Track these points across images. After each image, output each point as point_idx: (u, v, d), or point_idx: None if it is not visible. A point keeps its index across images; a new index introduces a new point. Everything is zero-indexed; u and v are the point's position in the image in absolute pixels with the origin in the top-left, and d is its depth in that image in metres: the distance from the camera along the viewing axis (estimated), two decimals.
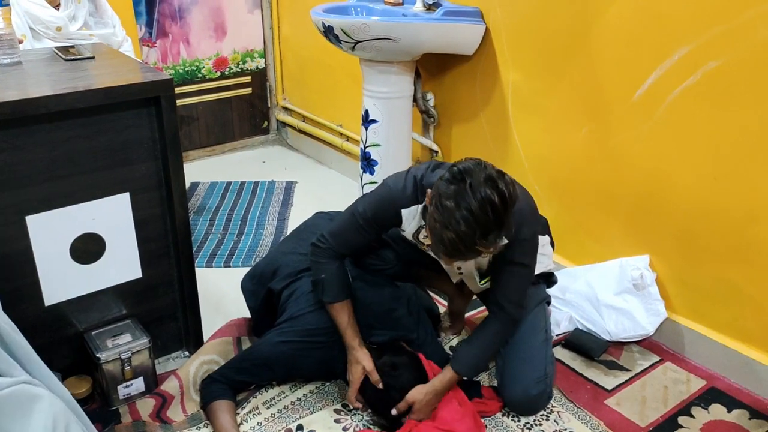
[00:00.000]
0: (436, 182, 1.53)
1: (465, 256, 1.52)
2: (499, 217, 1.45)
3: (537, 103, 2.34)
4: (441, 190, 1.49)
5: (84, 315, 1.85)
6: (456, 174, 1.48)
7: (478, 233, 1.44)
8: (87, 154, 1.71)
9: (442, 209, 1.46)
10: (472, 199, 1.43)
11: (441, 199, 1.48)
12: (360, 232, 1.76)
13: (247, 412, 1.82)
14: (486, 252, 1.50)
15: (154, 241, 1.90)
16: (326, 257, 1.78)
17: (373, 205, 1.74)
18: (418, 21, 2.33)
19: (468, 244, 1.46)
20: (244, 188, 3.28)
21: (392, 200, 1.72)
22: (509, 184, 1.48)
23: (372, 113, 2.55)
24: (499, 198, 1.44)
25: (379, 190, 1.76)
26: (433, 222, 1.50)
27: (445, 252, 1.51)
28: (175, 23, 3.35)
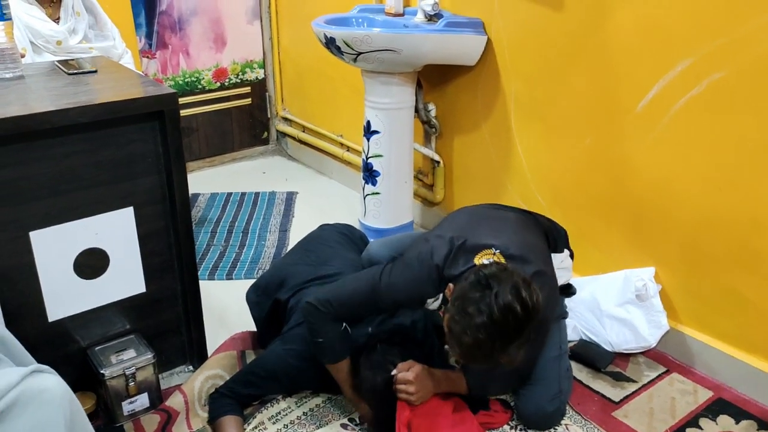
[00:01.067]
0: (461, 283, 1.51)
1: (479, 363, 1.52)
2: (520, 328, 1.44)
3: (539, 114, 2.34)
4: (465, 293, 1.48)
5: (87, 330, 1.84)
6: (482, 279, 1.47)
7: (498, 344, 1.43)
8: (90, 169, 1.70)
9: (464, 314, 1.45)
10: (495, 308, 1.42)
11: (464, 303, 1.46)
12: (374, 307, 1.72)
13: (253, 427, 1.81)
14: (501, 363, 1.49)
15: (158, 255, 1.89)
16: (325, 320, 1.70)
17: (400, 293, 1.68)
18: (420, 32, 2.33)
19: (486, 353, 1.45)
20: (244, 199, 3.27)
21: (419, 291, 1.68)
22: (534, 293, 1.46)
23: (374, 124, 2.55)
24: (522, 309, 1.43)
25: (405, 276, 1.67)
26: (453, 323, 1.48)
27: (460, 355, 1.50)
28: (174, 34, 3.35)
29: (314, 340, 1.73)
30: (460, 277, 1.57)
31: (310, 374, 1.84)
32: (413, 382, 1.67)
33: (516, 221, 1.82)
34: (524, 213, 1.93)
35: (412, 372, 1.68)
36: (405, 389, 1.67)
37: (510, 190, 2.52)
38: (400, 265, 1.69)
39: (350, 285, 1.74)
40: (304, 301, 1.73)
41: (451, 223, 1.83)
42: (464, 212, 1.91)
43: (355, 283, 1.74)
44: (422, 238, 1.76)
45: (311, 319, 1.72)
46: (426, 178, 2.90)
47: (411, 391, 1.67)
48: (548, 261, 1.75)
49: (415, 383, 1.67)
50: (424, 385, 1.69)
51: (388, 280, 1.67)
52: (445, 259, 1.63)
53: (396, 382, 1.68)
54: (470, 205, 2.02)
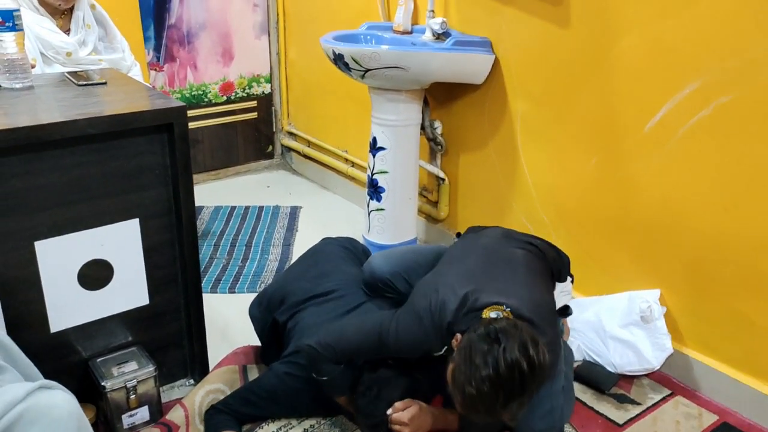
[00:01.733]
0: (470, 334, 1.51)
1: (480, 416, 1.51)
2: (524, 385, 1.44)
3: (546, 133, 2.34)
4: (473, 344, 1.47)
5: (89, 342, 1.83)
6: (491, 332, 1.47)
7: (501, 398, 1.43)
8: (98, 180, 1.70)
9: (470, 364, 1.45)
10: (502, 363, 1.42)
11: (471, 354, 1.46)
12: (376, 354, 1.72)
13: None
14: (503, 418, 1.49)
15: (162, 267, 1.88)
16: (326, 362, 1.71)
17: (406, 346, 1.66)
18: (429, 50, 2.34)
19: (487, 406, 1.45)
20: (248, 213, 3.27)
21: (426, 346, 1.67)
22: (541, 353, 1.46)
23: (380, 140, 2.55)
24: (528, 366, 1.43)
25: (413, 330, 1.65)
26: (458, 373, 1.48)
27: (462, 405, 1.49)
28: (183, 48, 3.37)
29: (318, 379, 1.74)
30: (468, 328, 1.56)
31: (311, 396, 1.83)
32: (408, 424, 1.67)
33: (526, 269, 1.78)
34: (532, 248, 1.89)
35: (407, 413, 1.68)
36: (400, 430, 1.68)
37: (515, 209, 2.52)
38: (408, 317, 1.68)
39: (354, 332, 1.73)
40: (305, 344, 1.73)
41: (462, 264, 1.79)
42: (476, 251, 1.86)
43: (360, 330, 1.73)
44: (432, 287, 1.71)
45: (314, 361, 1.73)
46: (431, 195, 2.90)
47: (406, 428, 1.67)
48: (554, 322, 1.74)
49: (410, 425, 1.68)
50: (419, 425, 1.69)
51: (396, 333, 1.66)
52: (455, 315, 1.61)
53: (391, 422, 1.68)
54: (479, 233, 1.98)
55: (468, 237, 2.03)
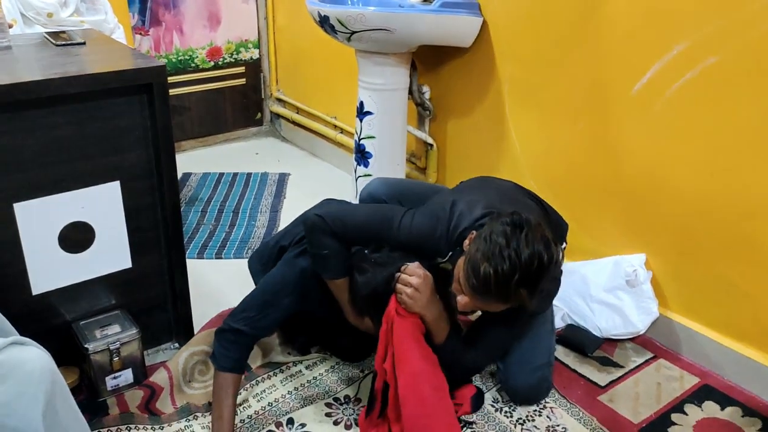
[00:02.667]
0: (491, 223, 1.49)
1: (489, 299, 1.48)
2: (539, 276, 1.43)
3: (534, 97, 2.32)
4: (495, 227, 1.46)
5: (72, 305, 1.83)
6: (517, 221, 1.46)
7: (517, 279, 1.41)
8: (77, 141, 1.68)
9: (490, 242, 1.43)
10: (524, 245, 1.41)
11: (492, 234, 1.44)
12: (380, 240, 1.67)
13: (238, 404, 1.80)
14: (509, 304, 1.48)
15: (144, 230, 1.87)
16: (330, 235, 1.64)
17: (416, 238, 1.63)
18: (415, 12, 2.30)
19: (502, 285, 1.43)
20: (236, 180, 3.25)
21: (434, 245, 1.63)
22: (558, 252, 1.46)
23: (367, 105, 2.53)
24: (548, 258, 1.42)
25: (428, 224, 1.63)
26: (474, 252, 1.45)
27: (473, 287, 1.46)
28: (168, 12, 3.31)
29: (317, 253, 1.67)
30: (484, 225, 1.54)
31: (318, 286, 1.74)
32: (420, 278, 1.57)
33: (538, 211, 1.79)
34: (540, 204, 1.90)
35: (416, 277, 1.57)
36: (408, 281, 1.57)
37: (503, 175, 2.50)
38: (425, 215, 1.65)
39: (366, 212, 1.71)
40: (313, 213, 1.67)
41: (481, 193, 1.76)
42: (492, 187, 1.85)
43: (373, 214, 1.69)
44: (452, 198, 1.69)
45: (317, 232, 1.65)
46: (419, 161, 2.88)
47: (414, 284, 1.57)
48: None
49: (419, 286, 1.57)
50: (424, 292, 1.58)
51: (409, 225, 1.63)
52: (471, 225, 1.59)
53: (398, 279, 1.59)
54: (492, 179, 1.99)
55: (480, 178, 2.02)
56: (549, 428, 1.76)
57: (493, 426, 1.76)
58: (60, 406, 1.13)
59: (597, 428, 1.75)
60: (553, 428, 1.76)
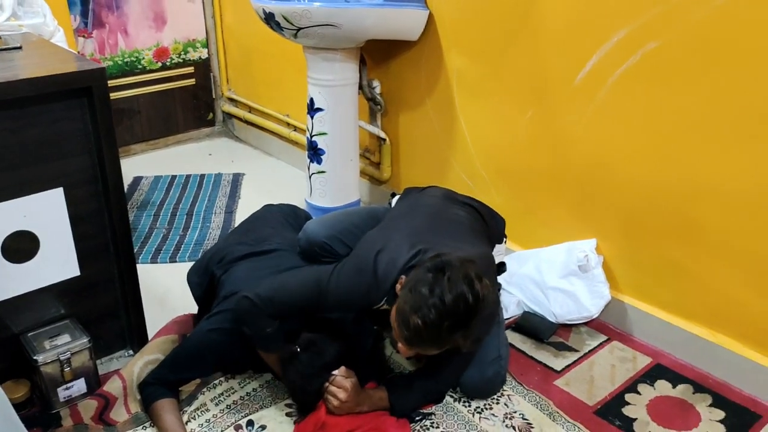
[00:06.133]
0: (416, 270, 1.51)
1: (424, 347, 1.51)
2: (468, 317, 1.45)
3: (482, 89, 2.34)
4: (419, 276, 1.48)
5: (19, 316, 1.78)
6: (438, 264, 1.48)
7: (446, 325, 1.44)
8: (16, 148, 1.64)
9: (415, 293, 1.46)
10: (447, 291, 1.43)
11: (417, 285, 1.46)
12: (314, 309, 1.68)
13: (194, 409, 1.78)
14: (445, 347, 1.50)
15: (91, 237, 1.83)
16: (261, 316, 1.66)
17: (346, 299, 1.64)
18: (361, 6, 2.29)
19: (432, 335, 1.45)
20: (189, 181, 3.21)
21: (368, 298, 1.65)
22: (486, 288, 1.47)
23: (317, 101, 2.52)
24: (473, 298, 1.44)
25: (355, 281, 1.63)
26: (402, 304, 1.48)
27: (406, 338, 1.49)
28: (111, 13, 3.24)
29: (249, 332, 1.69)
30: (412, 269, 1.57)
31: (236, 349, 1.79)
32: (347, 391, 1.65)
33: (470, 228, 1.82)
34: (472, 210, 1.92)
35: (350, 381, 1.66)
36: (336, 393, 1.65)
37: (455, 167, 2.52)
38: (350, 268, 1.65)
39: (294, 285, 1.69)
40: (242, 295, 1.68)
41: (409, 223, 1.78)
42: (419, 210, 1.86)
43: (300, 282, 1.69)
44: (380, 241, 1.69)
45: (246, 315, 1.67)
46: (373, 156, 2.88)
47: (341, 398, 1.65)
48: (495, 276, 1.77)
49: (349, 393, 1.65)
50: (352, 398, 1.66)
51: (336, 282, 1.63)
52: (403, 270, 1.61)
53: (331, 382, 1.66)
54: (420, 193, 2.00)
55: (410, 197, 2.03)
56: (507, 415, 1.78)
57: (451, 416, 1.78)
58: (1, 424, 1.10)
59: (554, 413, 1.78)
60: (510, 415, 1.78)
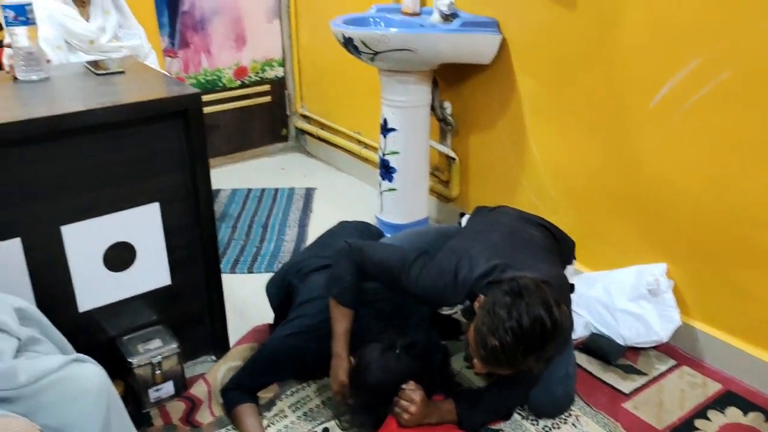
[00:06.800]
0: (493, 292, 1.57)
1: (499, 367, 1.57)
2: (544, 341, 1.50)
3: (553, 111, 2.38)
4: (496, 298, 1.53)
5: (116, 321, 1.92)
6: (515, 288, 1.53)
7: (522, 348, 1.49)
8: (118, 166, 1.78)
9: (493, 316, 1.51)
10: (525, 315, 1.48)
11: (494, 307, 1.52)
12: (390, 282, 1.77)
13: (273, 414, 1.88)
14: (519, 369, 1.55)
15: (182, 248, 1.96)
16: (352, 264, 1.78)
17: (423, 289, 1.72)
18: (436, 32, 2.37)
19: (508, 357, 1.51)
20: (264, 195, 3.35)
21: (441, 298, 1.73)
22: (564, 313, 1.52)
23: (390, 122, 2.61)
24: (551, 323, 1.49)
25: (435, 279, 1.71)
26: (480, 325, 1.54)
27: (482, 358, 1.55)
28: (196, 34, 3.42)
29: (337, 276, 1.79)
30: (489, 288, 1.62)
31: (311, 356, 1.87)
32: (417, 404, 1.70)
33: (544, 248, 1.86)
34: (545, 231, 1.97)
35: (418, 394, 1.72)
36: (406, 407, 1.71)
37: (524, 187, 2.57)
38: (433, 268, 1.73)
39: (385, 251, 1.81)
40: (343, 241, 1.82)
41: (485, 236, 1.84)
42: (496, 227, 1.91)
43: (390, 253, 1.79)
44: (461, 250, 1.76)
45: (341, 258, 1.80)
46: (442, 175, 2.95)
47: (411, 411, 1.70)
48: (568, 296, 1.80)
49: (418, 406, 1.70)
50: (421, 411, 1.72)
51: (418, 272, 1.72)
52: (480, 279, 1.67)
53: (400, 395, 1.72)
54: (493, 212, 2.05)
55: (481, 215, 2.09)
56: None
57: None
58: (114, 421, 1.21)
59: None
60: None
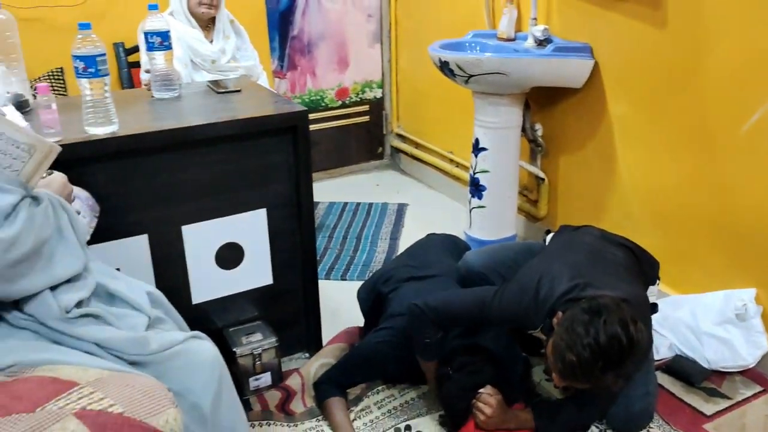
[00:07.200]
0: (572, 309, 1.64)
1: (576, 382, 1.63)
2: (621, 358, 1.55)
3: (644, 135, 2.42)
4: (575, 315, 1.60)
5: (223, 314, 2.12)
6: (594, 306, 1.59)
7: (599, 365, 1.55)
8: (233, 175, 1.99)
9: (572, 332, 1.58)
10: (602, 333, 1.54)
11: (573, 324, 1.59)
12: (476, 323, 1.89)
13: (360, 409, 2.02)
14: (597, 385, 1.61)
15: (284, 252, 2.14)
16: (428, 324, 1.86)
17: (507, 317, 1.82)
18: (529, 57, 2.48)
19: (585, 372, 1.57)
20: (359, 209, 3.53)
21: (525, 320, 1.81)
22: (641, 331, 1.57)
23: (482, 142, 2.72)
24: (627, 341, 1.54)
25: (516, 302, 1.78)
26: (559, 341, 1.61)
27: (560, 372, 1.62)
28: (303, 57, 3.67)
29: (417, 338, 1.91)
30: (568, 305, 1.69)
31: (398, 362, 2.02)
32: (493, 407, 1.81)
33: (625, 268, 1.90)
34: (628, 251, 1.99)
35: (495, 398, 1.82)
36: (482, 409, 1.82)
37: (612, 208, 2.61)
38: (512, 292, 1.81)
39: (460, 299, 1.90)
40: (412, 303, 1.90)
41: (567, 255, 1.90)
42: (578, 246, 1.96)
43: (465, 298, 1.90)
44: (541, 270, 1.83)
45: (413, 319, 1.90)
46: (530, 194, 3.03)
47: (487, 413, 1.81)
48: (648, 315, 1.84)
49: (494, 409, 1.81)
50: (498, 415, 1.82)
51: (498, 303, 1.80)
52: (560, 299, 1.73)
53: (477, 399, 1.83)
54: (577, 232, 2.10)
55: (565, 234, 2.15)
56: None
57: None
58: (225, 394, 1.38)
59: None
60: None
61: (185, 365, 1.29)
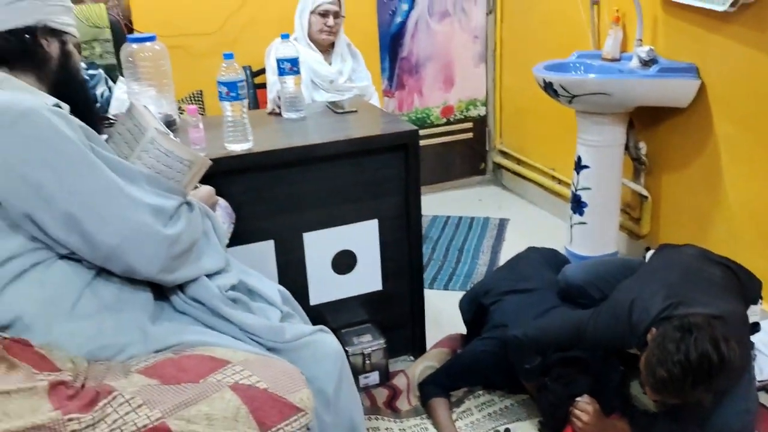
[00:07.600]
0: (665, 326, 1.72)
1: (669, 396, 1.71)
2: (711, 374, 1.62)
3: (751, 155, 2.42)
4: (667, 333, 1.68)
5: (336, 316, 2.31)
6: (685, 324, 1.67)
7: (689, 381, 1.62)
8: (349, 188, 2.18)
9: (663, 349, 1.66)
10: (693, 350, 1.61)
11: (664, 341, 1.67)
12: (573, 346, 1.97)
13: (461, 411, 2.15)
14: (688, 400, 1.68)
15: (393, 260, 2.31)
16: (528, 352, 1.99)
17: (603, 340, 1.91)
18: (633, 78, 2.54)
19: (676, 388, 1.65)
20: (461, 222, 3.66)
21: (621, 342, 1.89)
22: (732, 350, 1.63)
23: (584, 159, 2.79)
24: (718, 358, 1.61)
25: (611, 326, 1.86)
26: (650, 356, 1.69)
27: (652, 386, 1.70)
28: (411, 77, 3.87)
29: (519, 366, 2.02)
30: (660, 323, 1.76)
31: (499, 373, 2.14)
32: (590, 414, 1.89)
33: (723, 287, 1.93)
34: (727, 270, 2.01)
35: (592, 406, 1.90)
36: (579, 416, 1.89)
37: (716, 227, 2.61)
38: (607, 314, 1.89)
39: (556, 327, 2.01)
40: (512, 335, 2.02)
41: (663, 274, 1.96)
42: (675, 266, 2.01)
43: (561, 325, 2.01)
44: (635, 290, 1.90)
45: (513, 349, 2.02)
46: (633, 212, 3.05)
47: (584, 420, 1.88)
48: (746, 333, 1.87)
49: (591, 417, 1.89)
50: (595, 422, 1.88)
51: (594, 327, 1.90)
52: (655, 319, 1.79)
53: (574, 406, 1.91)
54: (676, 250, 2.13)
55: (665, 252, 2.19)
56: None
57: None
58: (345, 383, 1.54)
59: None
60: None
61: (312, 355, 1.47)
